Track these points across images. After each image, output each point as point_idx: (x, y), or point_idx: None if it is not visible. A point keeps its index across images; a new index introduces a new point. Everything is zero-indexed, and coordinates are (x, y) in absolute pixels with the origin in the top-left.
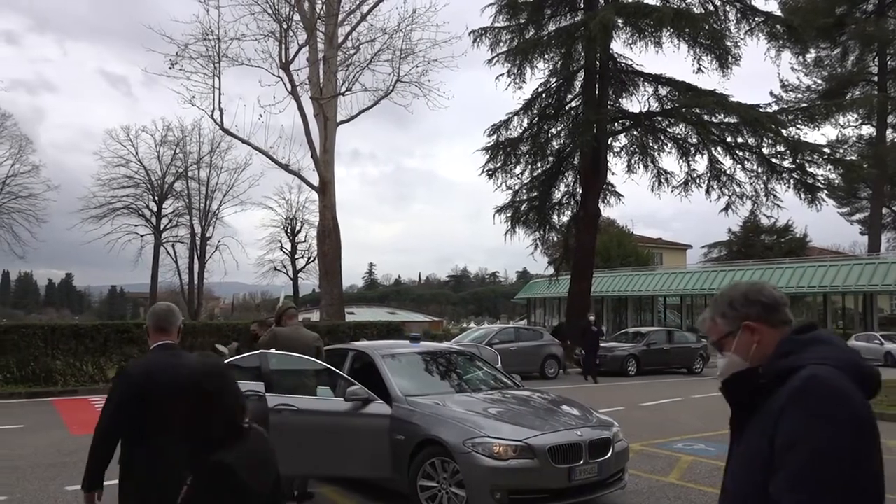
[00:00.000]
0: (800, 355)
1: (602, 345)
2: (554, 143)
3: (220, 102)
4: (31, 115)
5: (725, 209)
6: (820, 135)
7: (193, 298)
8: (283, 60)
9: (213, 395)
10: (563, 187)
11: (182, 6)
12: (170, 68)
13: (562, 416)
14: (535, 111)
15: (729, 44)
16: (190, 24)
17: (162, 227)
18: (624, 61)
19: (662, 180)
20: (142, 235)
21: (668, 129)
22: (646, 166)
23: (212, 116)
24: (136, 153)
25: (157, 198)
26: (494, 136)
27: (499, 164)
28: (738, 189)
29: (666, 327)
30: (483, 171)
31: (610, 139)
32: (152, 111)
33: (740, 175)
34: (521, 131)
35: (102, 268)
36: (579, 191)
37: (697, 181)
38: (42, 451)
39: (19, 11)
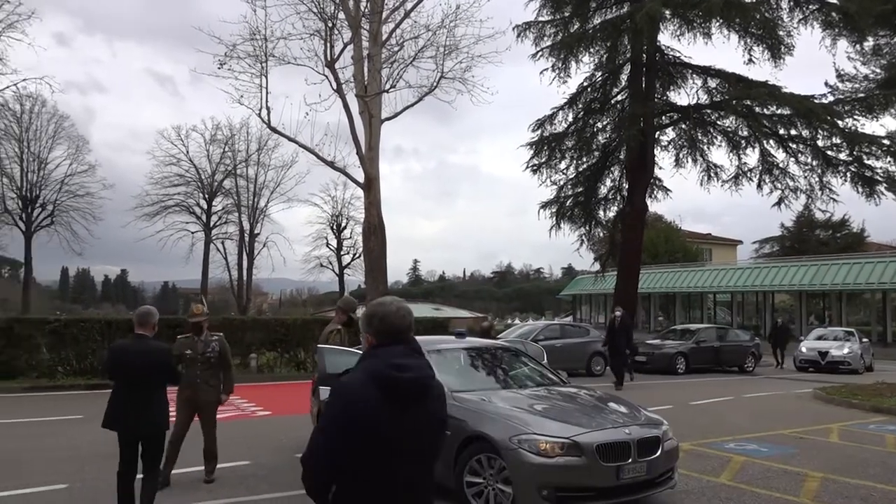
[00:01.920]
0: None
1: (649, 342)
2: (599, 138)
3: (267, 101)
4: (83, 116)
5: (778, 203)
6: (879, 126)
7: (242, 294)
8: (329, 59)
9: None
10: (608, 182)
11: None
12: (218, 68)
13: (609, 414)
14: (581, 105)
15: (781, 33)
16: (237, 24)
17: (212, 224)
18: (671, 53)
19: (712, 174)
20: (193, 232)
21: (718, 122)
22: (694, 160)
23: (259, 115)
24: (187, 152)
25: (207, 195)
26: (539, 132)
27: (543, 160)
28: (791, 183)
29: (716, 324)
30: (527, 167)
31: (657, 133)
32: (199, 110)
33: (794, 168)
34: (566, 126)
35: (155, 264)
36: (625, 186)
37: (748, 175)
38: (99, 441)
39: (71, 13)
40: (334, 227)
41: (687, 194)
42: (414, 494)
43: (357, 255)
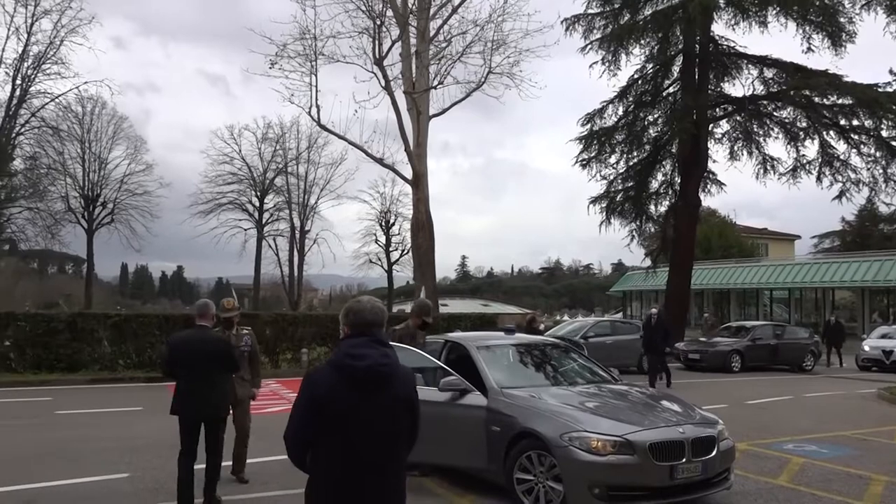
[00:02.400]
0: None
1: (702, 339)
2: (651, 131)
3: (316, 99)
4: (140, 117)
5: (839, 197)
6: None
7: (293, 289)
8: (377, 56)
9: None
10: (660, 176)
11: (280, 6)
12: (270, 68)
13: (662, 412)
14: (631, 98)
15: (842, 20)
16: (288, 24)
17: (264, 221)
18: (725, 43)
19: (768, 167)
20: (245, 229)
21: (775, 114)
22: (750, 153)
23: (309, 113)
24: (240, 150)
25: (259, 193)
26: (588, 126)
27: (593, 154)
28: (852, 175)
29: (773, 322)
30: (577, 162)
31: (711, 125)
32: (250, 109)
33: (855, 160)
34: (616, 120)
35: (210, 260)
36: (678, 180)
37: (807, 167)
38: (159, 432)
39: (128, 17)
40: (383, 223)
41: (742, 188)
42: (382, 478)
43: (406, 252)
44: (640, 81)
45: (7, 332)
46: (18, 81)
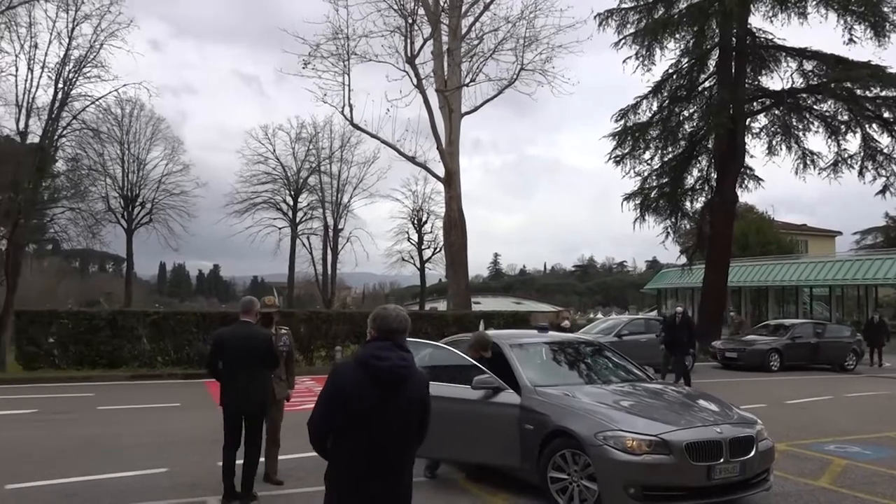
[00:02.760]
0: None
1: (741, 338)
2: (686, 127)
3: (349, 99)
4: (176, 118)
5: (882, 191)
6: None
7: (327, 288)
8: (409, 55)
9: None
10: (696, 172)
11: (313, 6)
12: (303, 68)
13: (699, 412)
14: (666, 94)
15: (886, 10)
16: (321, 24)
17: (298, 220)
18: (763, 36)
19: (808, 162)
20: (279, 228)
21: (815, 107)
22: (789, 147)
23: (342, 112)
24: (274, 150)
25: (292, 192)
26: (622, 122)
27: (627, 150)
28: None
29: (814, 320)
30: (610, 158)
31: (748, 120)
32: (283, 108)
33: None
34: (650, 115)
35: (245, 259)
36: (714, 176)
37: (849, 162)
38: (197, 428)
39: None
40: (415, 221)
41: (780, 183)
42: (399, 475)
43: (438, 250)
44: (674, 76)
45: (51, 329)
46: (60, 85)
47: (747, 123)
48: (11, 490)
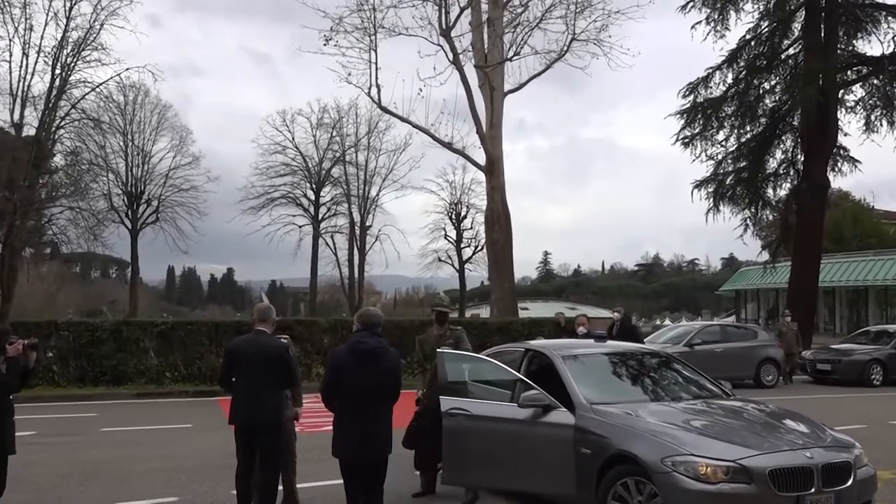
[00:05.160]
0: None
1: (834, 346)
2: (767, 101)
3: (376, 78)
4: (180, 102)
5: None
6: None
7: (354, 293)
8: (444, 26)
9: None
10: (779, 154)
11: None
12: (325, 44)
13: (785, 433)
14: (742, 63)
15: None
16: None
17: (320, 216)
18: None
19: None
20: (300, 226)
21: None
22: (891, 123)
23: (368, 94)
24: (293, 138)
25: (314, 186)
26: (691, 97)
27: (697, 131)
28: None
29: None
30: (678, 140)
31: (841, 92)
32: (301, 91)
33: None
34: (724, 89)
35: (262, 261)
36: (801, 158)
37: None
38: (209, 452)
39: None
40: (453, 216)
41: (881, 165)
42: (377, 426)
43: (479, 248)
44: (752, 43)
45: (50, 342)
46: (58, 71)
47: (840, 96)
48: None
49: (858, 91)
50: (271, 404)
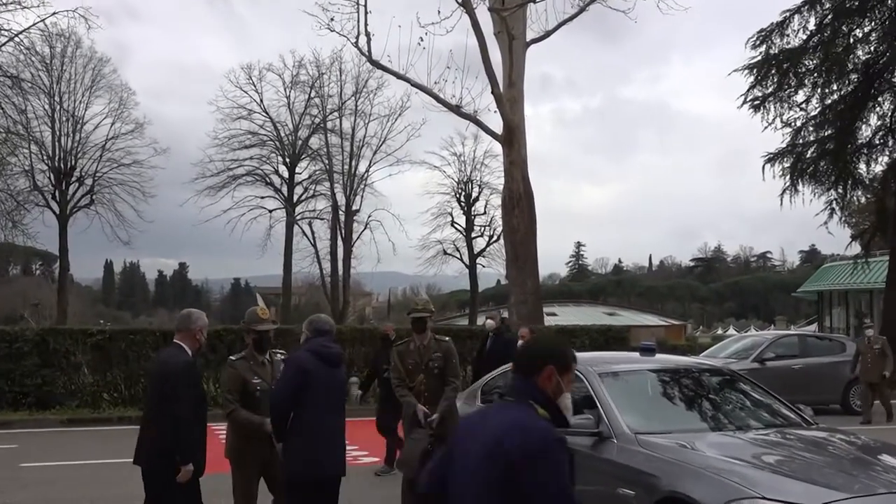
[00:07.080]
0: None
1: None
2: (859, 53)
3: (366, 25)
4: (120, 55)
5: None
6: None
7: (338, 294)
8: None
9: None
10: (874, 120)
11: None
12: None
13: (881, 472)
14: (829, 5)
15: None
16: None
17: (295, 198)
18: None
19: None
20: (270, 211)
21: None
22: None
23: (356, 45)
24: (261, 101)
25: (288, 159)
26: (763, 48)
27: (770, 90)
28: None
29: None
30: (745, 101)
31: None
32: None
33: None
34: (804, 38)
35: (223, 255)
36: None
37: None
38: None
39: None
40: (462, 198)
41: None
42: (342, 436)
43: (495, 238)
44: None
45: None
46: None
47: None
48: None
49: None
50: (172, 437)
